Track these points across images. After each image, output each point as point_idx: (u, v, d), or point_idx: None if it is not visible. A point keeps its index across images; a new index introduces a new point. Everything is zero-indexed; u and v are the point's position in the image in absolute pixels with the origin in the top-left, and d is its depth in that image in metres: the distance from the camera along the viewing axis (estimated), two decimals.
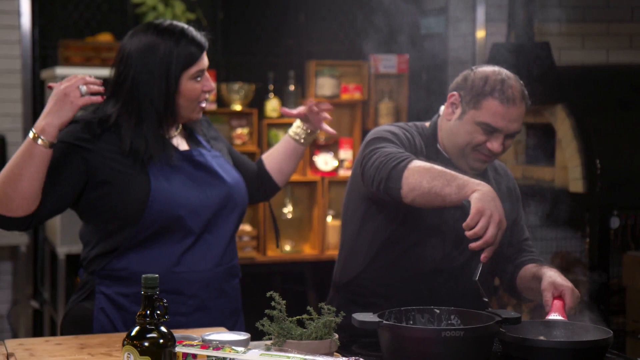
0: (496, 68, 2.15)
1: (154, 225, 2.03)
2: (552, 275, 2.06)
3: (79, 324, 2.10)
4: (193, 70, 2.06)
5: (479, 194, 1.88)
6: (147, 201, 2.01)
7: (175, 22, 2.11)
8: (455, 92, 2.16)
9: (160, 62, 2.04)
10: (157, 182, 2.03)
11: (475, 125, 2.11)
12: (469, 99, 2.12)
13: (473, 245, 1.87)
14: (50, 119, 1.92)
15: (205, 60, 2.10)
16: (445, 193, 1.92)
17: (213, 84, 2.12)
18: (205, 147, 2.17)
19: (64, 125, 1.94)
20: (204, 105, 2.12)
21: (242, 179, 2.21)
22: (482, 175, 2.21)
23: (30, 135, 1.92)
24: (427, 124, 2.25)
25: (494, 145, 2.10)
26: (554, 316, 1.96)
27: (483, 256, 1.87)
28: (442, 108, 2.22)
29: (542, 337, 1.86)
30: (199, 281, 2.08)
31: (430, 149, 2.19)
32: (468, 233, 1.86)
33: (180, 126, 2.17)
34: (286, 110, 2.34)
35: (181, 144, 2.15)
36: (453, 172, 1.96)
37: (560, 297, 2.02)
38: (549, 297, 2.01)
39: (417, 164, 1.98)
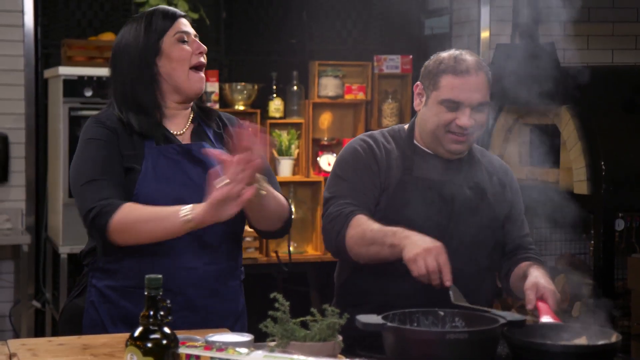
0: (452, 50, 2.22)
1: None
2: (537, 275, 2.09)
3: (72, 321, 2.11)
4: (171, 33, 2.07)
5: (405, 250, 1.98)
6: (132, 194, 2.01)
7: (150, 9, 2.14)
8: (418, 82, 2.24)
9: (133, 39, 2.06)
10: (146, 176, 2.02)
11: (439, 105, 2.16)
12: (428, 83, 2.19)
13: (435, 283, 1.95)
14: (210, 218, 1.88)
15: (183, 25, 2.09)
16: (382, 257, 2.06)
17: (204, 46, 2.10)
18: (212, 142, 2.14)
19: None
20: (202, 74, 2.09)
21: None
22: (469, 165, 2.22)
23: (190, 216, 1.88)
24: (407, 126, 2.30)
25: (462, 120, 2.14)
26: (545, 319, 1.96)
27: (445, 280, 1.95)
28: None
29: (549, 340, 1.85)
30: (188, 279, 2.04)
31: (406, 147, 2.23)
32: (421, 279, 1.95)
33: (189, 122, 2.14)
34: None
35: (186, 139, 2.13)
36: (383, 231, 2.05)
37: (543, 299, 2.03)
38: (531, 296, 2.04)
39: (351, 232, 2.10)
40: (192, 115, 2.16)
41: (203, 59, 2.10)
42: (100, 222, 1.95)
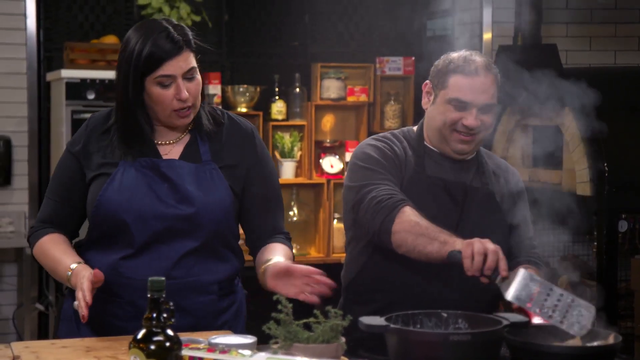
0: (462, 51, 2.22)
1: (101, 226, 2.04)
2: None
3: (58, 318, 2.16)
4: (155, 75, 1.99)
5: (464, 241, 1.95)
6: (94, 202, 2.04)
7: (160, 20, 2.05)
8: (427, 81, 2.25)
9: (126, 59, 2.01)
10: (111, 184, 2.03)
11: (447, 104, 2.17)
12: (437, 82, 2.20)
13: (485, 277, 1.91)
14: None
15: (173, 67, 1.97)
16: (427, 251, 2.01)
17: (186, 94, 2.00)
18: (200, 158, 2.08)
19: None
20: (188, 112, 2.03)
21: (226, 200, 2.06)
22: (477, 166, 2.22)
23: (69, 277, 2.01)
24: (415, 127, 2.30)
25: (469, 120, 2.15)
26: (537, 320, 1.95)
27: (502, 269, 1.90)
28: None
29: (549, 342, 1.85)
30: (139, 289, 2.00)
31: (418, 149, 2.23)
32: (473, 267, 1.90)
33: (186, 133, 2.11)
34: None
35: (172, 151, 2.09)
36: (437, 229, 2.02)
37: None
38: None
39: (404, 217, 2.06)
40: (190, 127, 2.11)
41: (184, 104, 2.00)
42: (30, 244, 2.14)
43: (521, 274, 1.87)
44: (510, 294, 1.85)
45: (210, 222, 2.04)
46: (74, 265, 2.00)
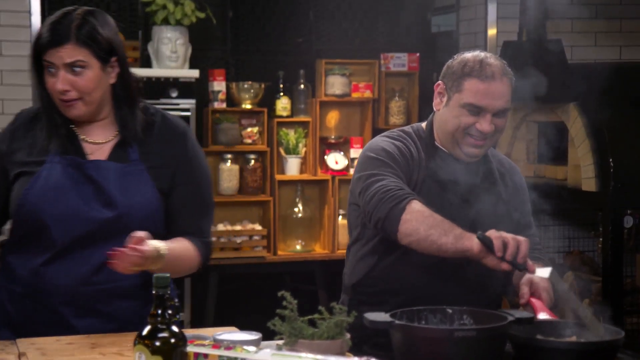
0: (476, 52, 2.18)
1: (23, 226, 2.00)
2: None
3: None
4: (42, 60, 1.97)
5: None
6: (17, 201, 1.99)
7: (74, 10, 2.04)
8: (440, 82, 2.20)
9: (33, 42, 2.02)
10: (36, 184, 1.97)
11: (461, 108, 2.13)
12: (452, 84, 2.15)
13: (530, 268, 1.94)
14: None
15: (54, 56, 1.95)
16: (441, 242, 1.97)
17: (60, 86, 1.95)
18: (129, 159, 2.01)
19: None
20: (72, 104, 1.97)
21: (152, 202, 2.00)
22: (485, 166, 2.22)
23: None
24: (424, 124, 2.27)
25: (483, 125, 2.12)
26: (542, 316, 1.95)
27: (520, 257, 1.92)
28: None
29: (552, 338, 1.85)
30: (60, 296, 1.98)
31: (429, 149, 2.20)
32: (500, 248, 1.91)
33: (116, 133, 2.04)
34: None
35: (100, 150, 2.03)
36: (451, 223, 1.99)
37: (535, 295, 2.03)
38: (525, 290, 2.04)
39: (416, 207, 2.02)
40: (119, 127, 2.05)
41: (63, 96, 1.96)
42: None
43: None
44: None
45: (134, 225, 1.95)
46: None
